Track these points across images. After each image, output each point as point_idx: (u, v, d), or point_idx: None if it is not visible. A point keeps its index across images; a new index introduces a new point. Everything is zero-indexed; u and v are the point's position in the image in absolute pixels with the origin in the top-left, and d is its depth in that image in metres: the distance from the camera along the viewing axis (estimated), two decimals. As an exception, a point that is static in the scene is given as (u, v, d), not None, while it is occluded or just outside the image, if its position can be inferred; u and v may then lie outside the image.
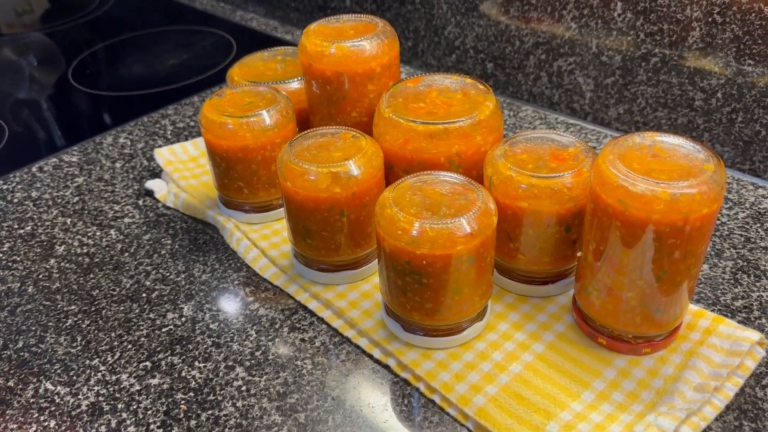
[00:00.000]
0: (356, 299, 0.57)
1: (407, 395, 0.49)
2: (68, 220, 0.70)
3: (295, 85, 0.70)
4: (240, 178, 0.63)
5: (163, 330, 0.56)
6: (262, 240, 0.64)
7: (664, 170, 0.44)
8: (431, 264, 0.47)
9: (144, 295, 0.60)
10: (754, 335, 0.49)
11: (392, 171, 0.58)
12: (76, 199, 0.73)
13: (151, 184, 0.73)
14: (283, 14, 1.15)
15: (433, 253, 0.46)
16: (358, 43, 0.60)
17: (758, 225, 0.63)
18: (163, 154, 0.76)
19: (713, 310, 0.54)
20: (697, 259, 0.46)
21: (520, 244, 0.54)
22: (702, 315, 0.52)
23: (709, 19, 0.65)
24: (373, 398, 0.49)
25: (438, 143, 0.55)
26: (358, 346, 0.54)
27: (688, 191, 0.42)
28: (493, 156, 0.54)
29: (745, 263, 0.59)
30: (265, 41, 1.09)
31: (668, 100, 0.72)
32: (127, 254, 0.65)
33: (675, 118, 0.72)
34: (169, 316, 0.58)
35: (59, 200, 0.73)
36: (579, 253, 0.51)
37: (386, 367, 0.52)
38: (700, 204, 0.42)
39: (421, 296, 0.49)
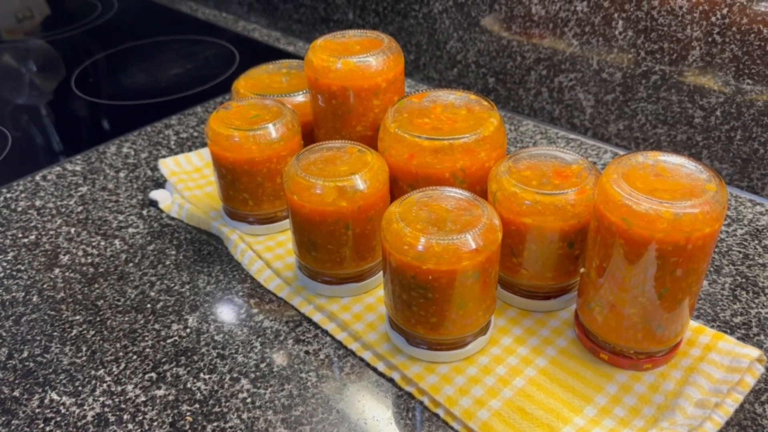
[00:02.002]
0: (360, 312, 0.57)
1: (411, 409, 0.50)
2: (72, 230, 0.70)
3: (300, 98, 0.71)
4: (245, 190, 0.64)
5: (168, 341, 0.56)
6: (267, 252, 0.64)
7: (666, 189, 0.45)
8: (437, 279, 0.47)
9: (149, 305, 0.60)
10: (754, 352, 0.50)
11: (397, 185, 0.58)
12: (80, 208, 0.73)
13: (156, 194, 0.73)
14: (286, 25, 1.16)
15: (439, 269, 0.47)
16: (364, 59, 0.61)
17: (756, 242, 0.63)
18: (167, 165, 0.76)
19: (713, 327, 0.55)
20: (699, 277, 0.47)
21: (524, 259, 0.54)
22: (702, 331, 0.53)
23: (709, 39, 0.66)
24: (377, 411, 0.50)
25: (443, 158, 0.56)
26: (362, 359, 0.54)
27: (690, 211, 0.43)
28: (497, 172, 0.54)
29: (743, 280, 0.59)
30: (268, 52, 1.10)
31: (668, 117, 0.73)
32: (131, 264, 0.65)
33: (674, 135, 0.73)
34: (174, 327, 0.58)
35: (63, 209, 0.73)
36: (582, 270, 0.51)
37: (390, 380, 0.52)
38: (702, 223, 0.43)
39: (426, 310, 0.50)
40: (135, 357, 0.55)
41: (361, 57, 0.61)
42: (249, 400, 0.51)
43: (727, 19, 0.64)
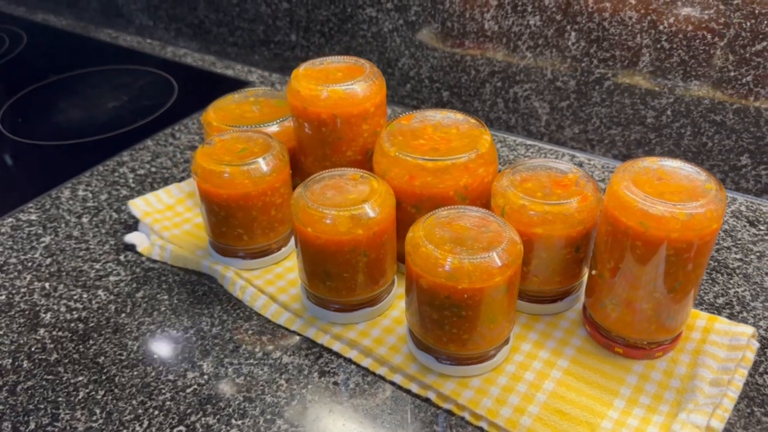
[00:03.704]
0: (380, 336, 0.58)
1: (454, 425, 0.51)
2: (47, 285, 0.66)
3: (275, 127, 0.70)
4: (240, 226, 0.63)
5: (188, 390, 0.54)
6: (268, 285, 0.63)
7: (672, 192, 0.49)
8: (471, 297, 0.49)
9: (155, 356, 0.58)
10: (748, 329, 0.55)
11: (400, 207, 0.59)
12: (49, 260, 0.69)
13: (132, 237, 0.70)
14: (220, 49, 1.13)
15: (473, 287, 0.49)
16: (351, 86, 0.62)
17: (717, 227, 0.70)
18: (138, 206, 0.73)
19: (702, 309, 0.60)
20: (703, 268, 0.51)
21: (533, 267, 0.57)
22: (697, 315, 0.58)
23: (658, 46, 0.72)
24: (421, 432, 0.51)
25: (444, 177, 0.58)
26: (393, 383, 0.55)
27: (699, 211, 0.47)
28: (501, 186, 0.57)
29: (716, 263, 0.65)
30: (207, 77, 1.07)
31: (621, 119, 0.78)
32: (123, 315, 0.62)
33: (628, 135, 0.79)
34: (190, 375, 0.56)
35: (29, 263, 0.68)
36: (593, 271, 0.55)
37: (426, 400, 0.53)
38: (710, 221, 0.47)
39: (459, 328, 0.51)
40: (157, 412, 0.53)
41: (348, 84, 0.62)
42: (291, 439, 0.50)
43: (674, 27, 0.70)
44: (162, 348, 0.58)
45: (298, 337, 0.59)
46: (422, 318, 0.53)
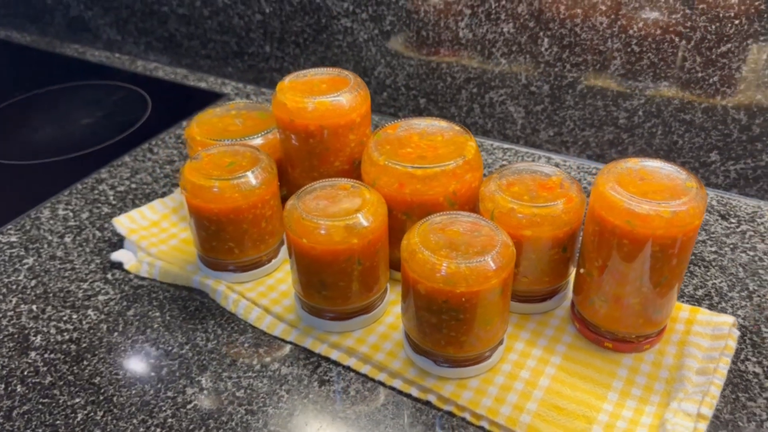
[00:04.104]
0: (376, 342, 0.59)
1: (456, 427, 0.52)
2: (34, 307, 0.65)
3: (259, 140, 0.71)
4: (231, 239, 0.63)
5: (189, 407, 0.54)
6: (261, 297, 0.64)
7: (655, 191, 0.51)
8: (469, 300, 0.50)
9: (152, 373, 0.58)
10: (729, 318, 0.58)
11: (391, 214, 0.60)
12: (34, 282, 0.68)
13: (118, 255, 0.70)
14: (192, 62, 1.13)
15: (471, 290, 0.50)
16: (337, 98, 0.63)
17: (692, 222, 0.73)
18: (122, 223, 0.72)
19: (683, 302, 0.63)
20: (687, 263, 0.53)
21: (523, 268, 0.59)
22: (680, 308, 0.60)
23: (628, 49, 0.74)
24: (424, 435, 0.52)
25: (433, 184, 0.59)
26: (393, 388, 0.56)
27: (682, 208, 0.49)
28: (489, 191, 0.58)
29: (693, 257, 0.68)
30: (181, 91, 1.07)
31: (595, 121, 0.81)
32: (116, 333, 0.62)
33: (602, 136, 0.82)
34: (189, 391, 0.56)
35: (14, 286, 0.67)
36: (582, 270, 0.57)
37: (427, 403, 0.54)
38: (692, 217, 0.50)
39: (457, 331, 0.52)
40: (159, 430, 0.53)
41: (334, 96, 0.63)
42: (296, 449, 0.51)
43: (643, 32, 0.73)
44: (158, 365, 0.58)
45: (294, 348, 0.60)
46: (420, 322, 0.54)
